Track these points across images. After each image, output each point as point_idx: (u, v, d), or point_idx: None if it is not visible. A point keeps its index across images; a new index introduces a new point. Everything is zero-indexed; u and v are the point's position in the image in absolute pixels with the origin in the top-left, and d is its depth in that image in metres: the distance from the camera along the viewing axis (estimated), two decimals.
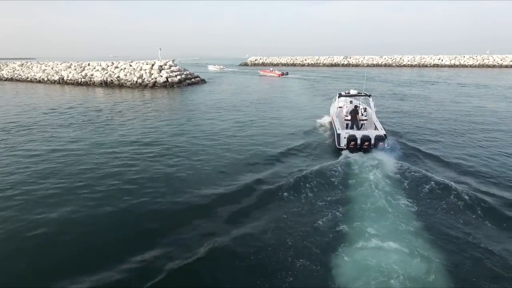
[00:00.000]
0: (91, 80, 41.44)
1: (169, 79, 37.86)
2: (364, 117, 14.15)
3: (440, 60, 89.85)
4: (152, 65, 39.83)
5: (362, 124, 13.92)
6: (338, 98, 15.49)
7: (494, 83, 40.07)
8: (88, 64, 45.80)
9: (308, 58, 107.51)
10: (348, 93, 15.35)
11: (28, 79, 49.94)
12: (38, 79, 48.09)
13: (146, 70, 39.44)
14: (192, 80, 41.91)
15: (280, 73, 56.34)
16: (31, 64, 56.49)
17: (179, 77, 39.20)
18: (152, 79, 37.91)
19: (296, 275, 5.48)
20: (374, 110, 14.12)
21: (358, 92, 15.42)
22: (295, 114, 20.32)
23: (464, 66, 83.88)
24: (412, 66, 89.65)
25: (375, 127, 12.84)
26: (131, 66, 41.23)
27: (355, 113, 13.89)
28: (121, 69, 41.27)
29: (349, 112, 14.29)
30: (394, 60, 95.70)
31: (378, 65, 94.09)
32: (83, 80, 42.22)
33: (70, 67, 47.91)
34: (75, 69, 46.51)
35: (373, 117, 13.70)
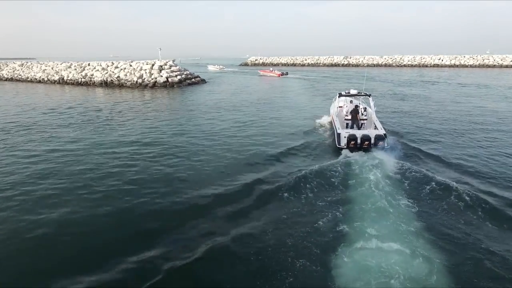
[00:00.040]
0: (91, 80, 41.44)
1: (169, 79, 37.84)
2: (364, 116, 14.20)
3: (440, 60, 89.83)
4: (152, 65, 39.82)
5: (362, 123, 13.95)
6: (338, 97, 15.55)
7: (495, 83, 40.05)
8: (88, 64, 45.81)
9: (308, 58, 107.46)
10: (348, 92, 15.40)
11: (28, 79, 49.95)
12: (38, 79, 48.11)
13: (146, 70, 39.43)
14: (192, 80, 41.90)
15: (280, 73, 56.36)
16: (31, 64, 56.49)
17: (179, 77, 39.20)
18: (152, 79, 37.90)
19: (296, 276, 5.46)
20: (374, 110, 14.15)
21: (358, 92, 15.46)
22: (295, 114, 20.30)
23: (464, 66, 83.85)
24: (412, 66, 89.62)
25: (375, 126, 12.85)
26: (131, 66, 41.23)
27: (355, 112, 13.92)
28: (121, 69, 41.27)
29: (349, 112, 14.32)
30: (394, 60, 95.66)
31: (378, 65, 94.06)
32: (83, 80, 42.23)
33: (70, 67, 47.93)
34: (75, 69, 46.52)
35: (373, 116, 13.72)
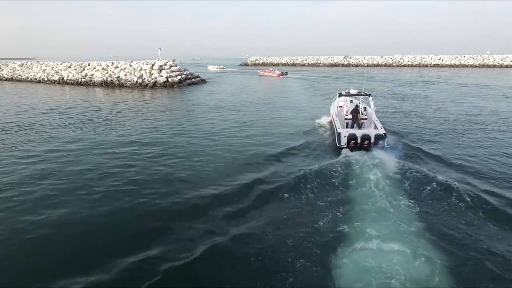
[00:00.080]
0: (91, 80, 41.42)
1: (169, 79, 37.82)
2: (364, 116, 14.22)
3: (440, 60, 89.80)
4: (152, 65, 39.80)
5: (362, 123, 13.96)
6: (338, 97, 15.57)
7: (495, 83, 40.01)
8: (88, 64, 45.79)
9: (308, 58, 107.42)
10: (348, 92, 15.43)
11: (28, 79, 49.93)
12: (38, 79, 48.09)
13: (146, 70, 39.41)
14: (192, 80, 41.88)
15: (280, 73, 56.36)
16: (31, 64, 56.48)
17: (179, 77, 39.17)
18: (152, 79, 37.88)
19: (296, 276, 5.44)
20: (374, 109, 14.16)
21: (358, 91, 15.48)
22: (295, 114, 20.27)
23: (464, 66, 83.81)
24: (412, 66, 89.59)
25: (374, 126, 12.86)
26: (131, 66, 41.21)
27: (356, 112, 13.94)
28: (121, 69, 41.24)
29: (350, 112, 14.32)
30: (395, 60, 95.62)
31: (379, 65, 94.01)
32: (83, 80, 42.21)
33: (70, 67, 47.91)
34: (75, 69, 46.50)
35: (372, 116, 13.74)
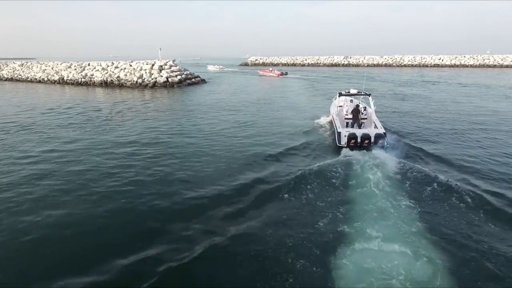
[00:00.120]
0: (91, 80, 41.41)
1: (169, 79, 37.80)
2: (364, 115, 14.23)
3: (440, 60, 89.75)
4: (152, 65, 39.78)
5: (362, 122, 13.96)
6: (339, 97, 15.62)
7: (495, 83, 39.98)
8: (88, 64, 45.77)
9: (308, 58, 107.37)
10: (348, 92, 15.49)
11: (28, 79, 49.93)
12: (38, 79, 48.08)
13: (146, 70, 39.39)
14: (192, 80, 41.86)
15: (279, 73, 56.34)
16: (31, 64, 56.48)
17: (179, 77, 39.15)
18: (152, 79, 37.86)
19: (296, 277, 5.41)
20: (374, 109, 14.17)
21: (358, 91, 15.53)
22: (295, 114, 20.25)
23: (464, 66, 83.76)
24: (412, 66, 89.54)
25: (374, 125, 12.88)
26: (131, 66, 41.19)
27: (357, 112, 13.95)
28: (121, 69, 41.23)
29: (351, 111, 14.33)
30: (395, 60, 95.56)
31: (379, 65, 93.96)
32: (83, 80, 42.20)
33: (70, 67, 47.90)
34: (75, 69, 46.49)
35: (372, 115, 13.76)
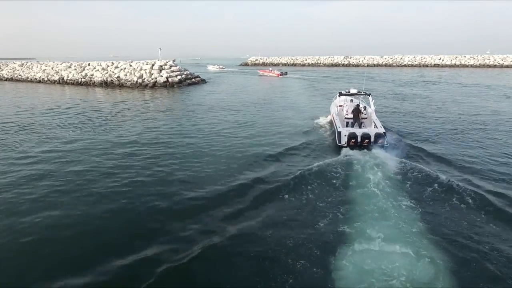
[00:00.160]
0: (91, 80, 41.39)
1: (169, 79, 37.78)
2: (364, 115, 14.26)
3: (440, 60, 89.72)
4: (152, 65, 39.77)
5: (362, 122, 13.97)
6: (339, 97, 15.65)
7: (495, 83, 39.95)
8: (88, 64, 45.76)
9: (308, 58, 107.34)
10: (348, 92, 15.50)
11: (28, 79, 49.92)
12: (38, 79, 48.07)
13: (146, 70, 39.38)
14: (192, 80, 41.84)
15: (279, 73, 56.32)
16: (31, 64, 56.47)
17: (179, 77, 39.13)
18: (152, 79, 37.84)
19: (296, 277, 5.39)
20: (374, 109, 14.18)
21: (358, 91, 15.54)
22: (295, 114, 20.22)
23: (465, 66, 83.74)
24: (413, 66, 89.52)
25: (374, 125, 12.87)
26: (131, 66, 41.18)
27: (357, 111, 13.96)
28: (121, 69, 41.21)
29: (351, 111, 14.34)
30: (395, 60, 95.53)
31: (379, 65, 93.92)
32: (83, 80, 42.18)
33: (70, 67, 47.89)
34: (75, 69, 46.48)
35: (372, 115, 13.77)
